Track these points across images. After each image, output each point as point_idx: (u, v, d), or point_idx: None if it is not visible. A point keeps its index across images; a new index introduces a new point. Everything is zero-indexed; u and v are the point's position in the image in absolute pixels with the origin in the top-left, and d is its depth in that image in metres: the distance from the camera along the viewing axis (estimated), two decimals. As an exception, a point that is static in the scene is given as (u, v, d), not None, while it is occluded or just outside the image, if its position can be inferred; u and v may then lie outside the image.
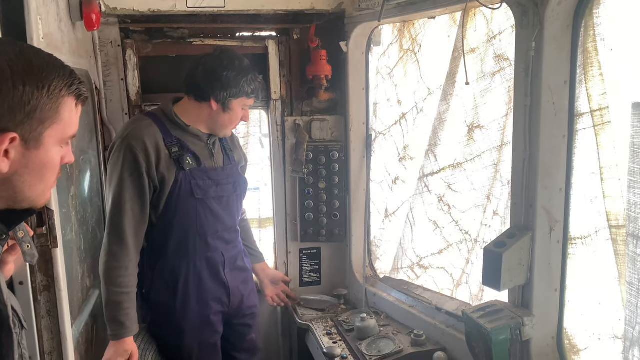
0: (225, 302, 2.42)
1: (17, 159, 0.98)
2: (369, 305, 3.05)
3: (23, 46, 1.03)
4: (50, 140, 1.02)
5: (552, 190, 2.01)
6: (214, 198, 2.30)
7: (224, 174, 2.34)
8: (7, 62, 0.94)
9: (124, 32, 2.87)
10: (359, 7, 2.84)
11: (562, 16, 1.90)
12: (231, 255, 2.43)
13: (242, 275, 2.53)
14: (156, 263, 2.31)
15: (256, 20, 3.01)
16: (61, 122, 1.03)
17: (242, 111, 2.31)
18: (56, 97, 1.00)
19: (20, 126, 0.96)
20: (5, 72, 0.94)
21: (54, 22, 1.90)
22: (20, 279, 1.50)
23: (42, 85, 0.98)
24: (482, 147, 2.52)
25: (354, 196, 3.14)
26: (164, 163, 2.18)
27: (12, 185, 1.01)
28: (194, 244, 2.30)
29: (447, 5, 2.32)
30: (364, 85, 3.07)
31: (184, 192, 2.22)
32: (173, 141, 2.22)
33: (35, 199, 1.07)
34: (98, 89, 2.75)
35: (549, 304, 2.07)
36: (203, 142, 2.31)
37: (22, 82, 0.95)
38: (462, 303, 2.56)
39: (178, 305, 2.32)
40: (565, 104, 1.97)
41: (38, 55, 1.02)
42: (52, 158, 1.04)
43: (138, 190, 2.16)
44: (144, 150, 2.13)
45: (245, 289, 2.55)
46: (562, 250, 2.06)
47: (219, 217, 2.32)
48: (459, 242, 2.70)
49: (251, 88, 2.28)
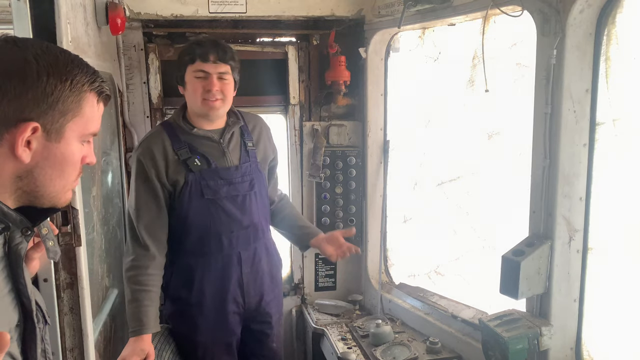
0: (240, 302, 2.42)
1: (39, 150, 1.01)
2: (384, 312, 3.04)
3: (49, 45, 1.06)
4: (71, 134, 1.04)
5: (572, 199, 1.99)
6: (227, 197, 2.31)
7: (238, 172, 2.33)
8: (33, 55, 0.98)
9: (147, 36, 2.93)
10: (378, 14, 2.85)
11: (585, 24, 1.89)
12: (250, 255, 2.41)
13: (264, 278, 2.47)
14: (175, 260, 2.38)
15: (276, 26, 3.05)
16: (83, 117, 1.05)
17: (199, 80, 2.22)
18: (78, 91, 1.03)
19: (42, 117, 0.99)
20: (31, 64, 0.97)
21: (81, 26, 1.95)
22: (44, 276, 1.54)
23: (65, 78, 1.00)
24: (501, 154, 2.51)
25: (371, 202, 3.15)
26: (173, 167, 2.26)
27: (33, 179, 1.03)
28: (208, 243, 2.33)
29: (468, 12, 2.32)
30: (382, 91, 3.08)
31: (194, 193, 2.27)
32: (182, 145, 2.27)
33: (55, 196, 1.08)
34: (121, 92, 2.81)
35: (568, 314, 2.05)
36: (215, 143, 2.32)
37: (46, 74, 0.98)
38: (478, 311, 2.54)
39: (194, 301, 2.36)
40: (587, 112, 1.95)
41: (63, 52, 1.05)
42: (72, 152, 1.06)
43: (152, 196, 2.26)
44: (152, 159, 2.24)
45: (267, 294, 2.50)
46: (581, 260, 2.04)
47: (233, 217, 2.33)
48: (477, 249, 2.69)
49: (187, 54, 2.25)
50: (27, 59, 0.97)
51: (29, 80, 0.96)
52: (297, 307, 3.30)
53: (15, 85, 0.96)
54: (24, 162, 0.99)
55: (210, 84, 2.21)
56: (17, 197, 1.05)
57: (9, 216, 1.01)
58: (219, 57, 2.21)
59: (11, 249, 1.04)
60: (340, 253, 2.49)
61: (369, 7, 2.95)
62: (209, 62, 2.21)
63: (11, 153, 0.98)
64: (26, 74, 0.96)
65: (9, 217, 1.01)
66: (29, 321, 1.09)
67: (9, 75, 0.96)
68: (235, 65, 2.29)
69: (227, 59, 2.24)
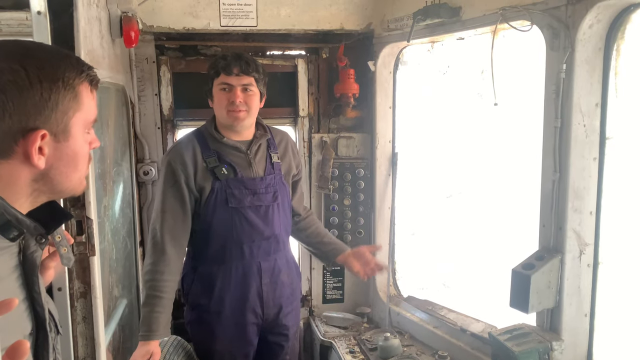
0: (259, 313, 2.42)
1: (51, 153, 1.02)
2: (393, 325, 3.03)
3: (25, 43, 1.05)
4: (76, 130, 1.06)
5: (583, 213, 1.99)
6: (250, 207, 2.34)
7: (262, 183, 2.36)
8: (18, 62, 0.97)
9: (159, 49, 2.97)
10: (387, 28, 2.89)
11: (594, 39, 1.90)
12: (270, 266, 2.42)
13: (283, 290, 2.48)
14: (197, 267, 2.40)
15: (286, 40, 3.08)
16: (82, 110, 1.06)
17: (224, 93, 2.28)
18: (72, 86, 1.03)
19: (47, 122, 1.00)
20: (21, 73, 0.97)
21: (96, 39, 1.99)
22: (59, 284, 1.55)
23: (56, 78, 1.01)
24: (510, 167, 2.51)
25: (379, 214, 3.15)
26: (201, 174, 2.29)
27: (49, 179, 1.05)
28: (230, 251, 2.35)
29: (477, 26, 2.34)
30: (390, 103, 3.10)
31: (219, 201, 2.30)
32: (211, 154, 2.32)
33: (73, 188, 1.11)
34: (133, 104, 2.84)
35: (579, 329, 2.04)
36: (242, 153, 2.36)
37: (38, 80, 0.98)
38: (487, 325, 2.52)
39: (213, 309, 2.37)
40: (597, 127, 1.96)
41: (42, 49, 1.06)
42: (81, 146, 1.08)
43: (178, 200, 2.28)
44: (182, 164, 2.28)
45: (286, 306, 2.50)
46: (592, 274, 2.03)
47: (255, 226, 2.35)
48: (486, 261, 2.68)
49: (213, 68, 2.31)
50: (14, 68, 0.97)
51: (24, 90, 0.96)
52: (305, 320, 3.29)
53: (11, 97, 0.96)
54: (40, 168, 1.01)
55: (233, 95, 2.27)
56: (34, 199, 1.06)
57: (23, 223, 1.02)
58: (242, 69, 2.27)
59: (26, 257, 1.05)
60: (368, 271, 2.51)
61: (378, 21, 2.98)
62: (232, 75, 2.26)
63: (25, 162, 1.00)
64: (19, 85, 0.96)
65: (23, 224, 1.02)
66: (41, 330, 1.09)
67: (3, 90, 0.96)
68: (259, 77, 2.33)
69: (250, 71, 2.28)
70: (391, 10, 2.85)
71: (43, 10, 1.49)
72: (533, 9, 1.99)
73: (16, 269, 1.03)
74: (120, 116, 2.68)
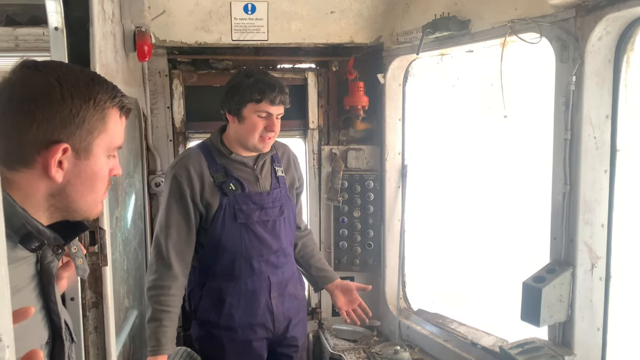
0: (269, 328, 2.41)
1: (70, 169, 1.05)
2: (402, 338, 3.01)
3: (68, 65, 1.11)
4: (98, 150, 1.08)
5: (594, 226, 1.97)
6: (259, 222, 2.34)
7: (269, 198, 2.37)
8: (56, 78, 1.02)
9: (172, 63, 3.02)
10: (397, 41, 2.91)
11: (604, 51, 1.91)
12: (279, 279, 2.42)
13: (291, 302, 2.47)
14: (205, 282, 2.38)
15: (297, 53, 3.12)
16: (108, 132, 1.09)
17: (261, 119, 2.25)
18: (102, 108, 1.07)
19: (71, 137, 1.03)
20: (55, 87, 1.01)
21: (110, 53, 2.03)
22: (71, 294, 1.57)
23: (88, 98, 1.05)
24: (521, 179, 2.50)
25: (389, 226, 3.15)
26: (208, 190, 2.28)
27: (65, 196, 1.07)
28: (239, 266, 2.34)
29: (486, 39, 2.36)
30: (400, 116, 3.11)
31: (228, 217, 2.29)
32: (218, 169, 2.30)
33: (87, 210, 1.12)
34: (145, 116, 2.89)
35: (591, 343, 2.01)
36: (249, 168, 2.36)
37: (70, 96, 1.02)
38: (498, 339, 2.50)
39: (222, 324, 2.35)
40: (607, 139, 1.95)
41: (83, 72, 1.10)
42: (101, 167, 1.10)
43: (183, 215, 2.26)
44: (188, 179, 2.26)
45: (294, 318, 2.49)
46: (604, 288, 2.01)
47: (264, 241, 2.35)
48: (496, 274, 2.66)
49: (256, 92, 2.23)
50: (51, 82, 1.01)
51: (55, 104, 1.00)
52: (314, 332, 3.28)
53: (42, 109, 1.00)
54: (57, 182, 1.03)
55: (272, 124, 2.26)
56: (50, 214, 1.09)
57: (44, 234, 1.05)
58: (282, 100, 2.27)
59: (43, 267, 1.07)
60: (351, 314, 2.51)
61: (387, 34, 3.01)
62: (275, 105, 2.25)
63: (44, 174, 1.02)
64: (52, 98, 1.00)
65: (43, 235, 1.04)
66: (58, 339, 1.11)
67: (35, 100, 1.00)
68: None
69: (287, 102, 2.30)
70: (400, 24, 2.88)
71: (60, 26, 1.53)
72: (542, 21, 2.00)
73: (33, 278, 1.05)
74: (133, 128, 2.72)
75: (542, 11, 1.99)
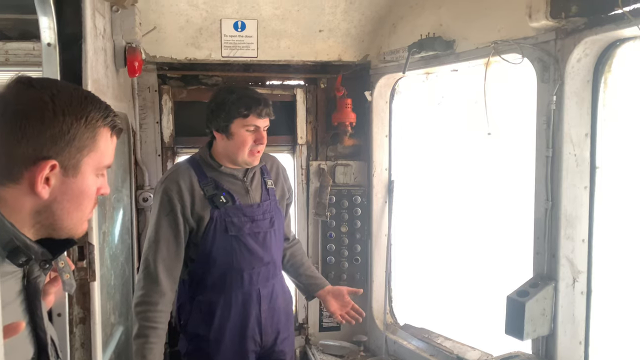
0: (257, 341, 2.41)
1: (57, 185, 1.05)
2: (389, 353, 3.02)
3: (62, 83, 1.13)
4: (87, 169, 1.09)
5: (575, 241, 2.02)
6: (250, 234, 2.34)
7: (259, 210, 2.38)
8: (49, 95, 1.03)
9: (161, 78, 3.04)
10: (383, 59, 2.97)
11: (582, 72, 1.98)
12: (269, 292, 2.42)
13: (280, 316, 2.47)
14: (195, 296, 2.37)
15: (286, 70, 3.17)
16: (97, 151, 1.09)
17: (249, 133, 2.27)
18: (93, 127, 1.07)
19: (60, 154, 1.03)
20: (48, 104, 1.02)
21: (102, 69, 2.05)
22: (58, 310, 1.56)
23: (80, 116, 1.05)
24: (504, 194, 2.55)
25: (376, 241, 3.17)
26: (199, 203, 2.28)
27: (51, 213, 1.07)
28: (230, 279, 2.34)
29: (470, 59, 2.42)
30: (387, 132, 3.17)
31: (219, 229, 2.29)
32: (208, 182, 2.31)
33: (73, 228, 1.12)
34: (134, 131, 2.89)
35: (574, 356, 2.05)
36: (239, 180, 2.37)
37: (62, 113, 1.03)
38: (483, 353, 2.52)
39: (212, 338, 2.34)
40: (587, 156, 2.01)
41: (76, 90, 1.11)
42: (88, 186, 1.10)
43: (173, 230, 2.25)
44: (178, 193, 2.26)
45: (282, 332, 2.49)
46: (586, 302, 2.05)
47: (255, 253, 2.35)
48: (481, 289, 2.69)
49: (242, 108, 2.25)
50: (44, 99, 1.02)
51: (46, 120, 1.01)
52: (301, 348, 3.27)
53: (33, 125, 1.01)
54: (43, 198, 1.03)
55: (261, 137, 2.29)
56: (36, 231, 1.08)
57: (32, 249, 1.04)
58: (268, 113, 2.30)
59: (30, 282, 1.06)
60: (344, 316, 2.50)
61: (374, 53, 3.07)
62: (262, 118, 2.28)
63: (31, 190, 1.02)
64: (44, 114, 1.01)
65: (31, 250, 1.04)
66: (43, 355, 1.10)
67: (27, 116, 1.01)
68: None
69: (272, 114, 2.33)
70: (387, 43, 2.94)
71: (53, 42, 1.55)
72: (524, 42, 2.07)
73: (20, 293, 1.05)
74: (122, 143, 2.72)
75: (524, 33, 2.06)
